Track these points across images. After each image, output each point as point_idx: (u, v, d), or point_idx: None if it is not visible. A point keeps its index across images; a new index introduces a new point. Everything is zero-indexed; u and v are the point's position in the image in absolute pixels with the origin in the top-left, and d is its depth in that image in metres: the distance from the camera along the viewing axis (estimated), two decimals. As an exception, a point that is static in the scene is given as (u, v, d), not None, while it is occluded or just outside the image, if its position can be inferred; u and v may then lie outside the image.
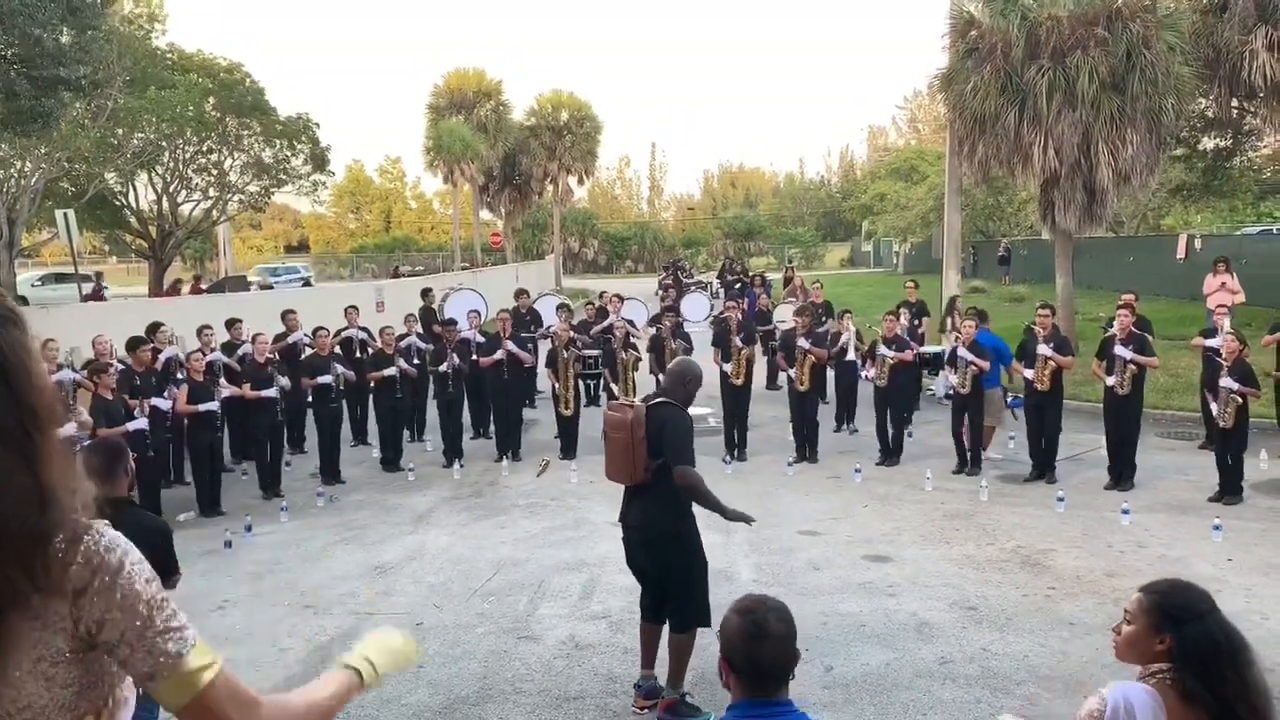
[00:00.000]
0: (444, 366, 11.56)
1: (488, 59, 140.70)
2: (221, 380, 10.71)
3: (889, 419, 10.92)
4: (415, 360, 12.24)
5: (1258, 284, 16.93)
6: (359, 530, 8.93)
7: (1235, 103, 16.57)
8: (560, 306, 14.70)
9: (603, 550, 7.83)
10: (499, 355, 11.53)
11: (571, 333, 12.21)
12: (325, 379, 10.87)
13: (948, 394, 11.60)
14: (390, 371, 11.42)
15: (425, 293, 16.96)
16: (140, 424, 8.84)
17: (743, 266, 33.37)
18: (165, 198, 24.08)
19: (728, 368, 11.35)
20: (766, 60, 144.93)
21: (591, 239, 62.53)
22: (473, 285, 19.22)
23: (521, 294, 15.54)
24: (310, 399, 11.17)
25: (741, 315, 12.37)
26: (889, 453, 10.85)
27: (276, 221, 70.73)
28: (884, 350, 10.97)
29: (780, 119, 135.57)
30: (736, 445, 11.35)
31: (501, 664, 5.88)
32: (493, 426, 12.14)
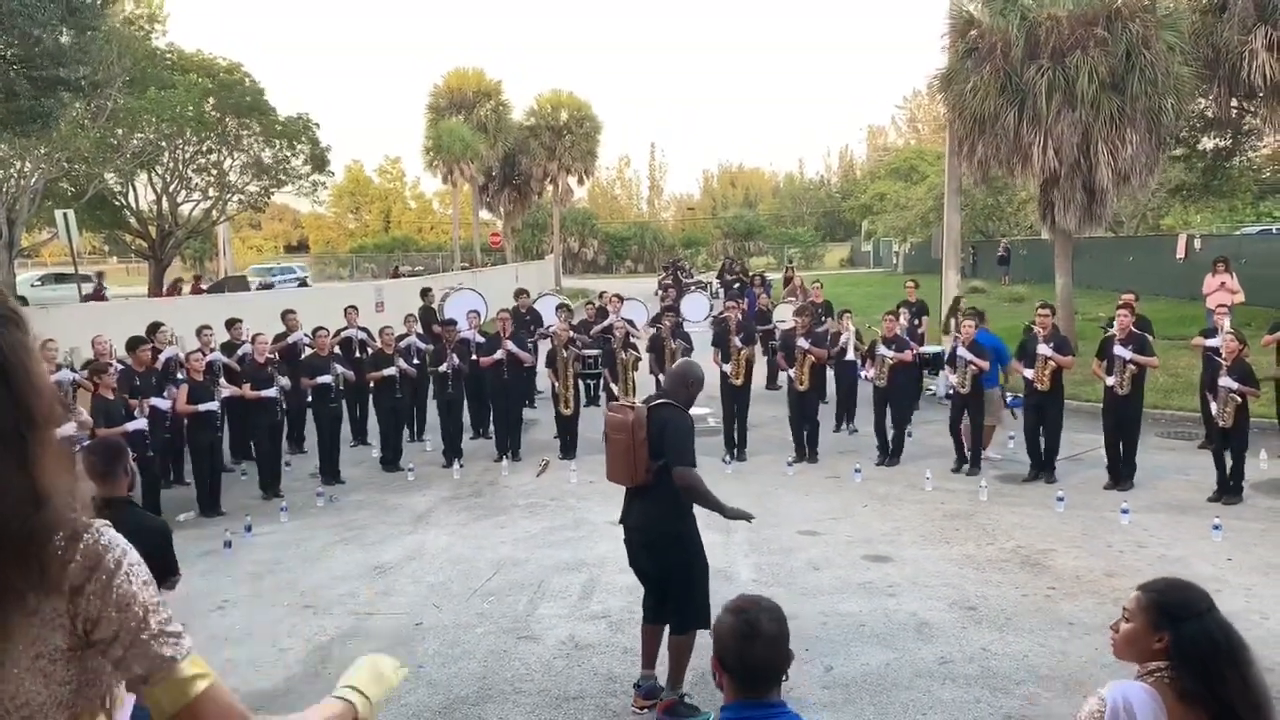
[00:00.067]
0: (444, 367, 11.56)
1: (487, 59, 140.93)
2: (221, 380, 10.72)
3: (889, 419, 10.93)
4: (415, 360, 12.25)
5: (1257, 284, 16.92)
6: (359, 530, 8.93)
7: (1235, 103, 16.57)
8: (560, 306, 14.68)
9: (602, 550, 7.84)
10: (499, 355, 11.53)
11: (571, 332, 12.22)
12: (325, 379, 10.86)
13: (948, 394, 11.60)
14: (390, 371, 11.42)
15: (425, 293, 16.96)
16: (140, 424, 8.83)
17: (742, 266, 33.36)
18: (165, 198, 24.08)
19: (727, 368, 11.35)
20: (766, 60, 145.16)
21: (591, 239, 62.56)
22: (472, 285, 19.21)
23: (521, 294, 15.53)
24: (310, 399, 11.17)
25: (741, 315, 12.37)
26: (889, 453, 10.86)
27: (276, 222, 70.73)
28: (883, 350, 10.98)
29: (780, 119, 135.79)
30: (736, 445, 11.36)
31: (501, 664, 5.88)
32: (492, 426, 12.16)
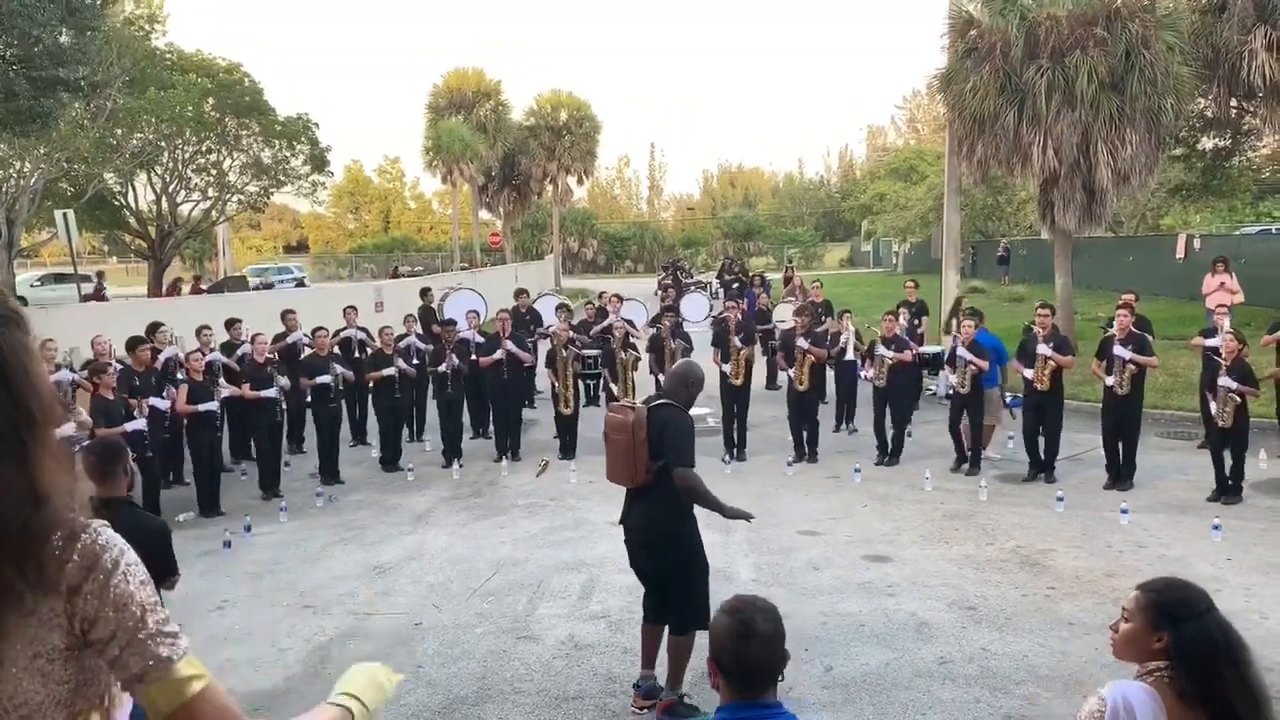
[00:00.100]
0: (443, 367, 11.56)
1: (487, 59, 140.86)
2: (221, 380, 10.72)
3: (888, 419, 10.93)
4: (414, 360, 12.25)
5: (1257, 284, 16.93)
6: (358, 530, 8.93)
7: (1234, 103, 16.58)
8: (560, 306, 14.68)
9: (602, 550, 7.83)
10: (498, 355, 11.53)
11: (570, 332, 12.22)
12: (324, 379, 10.86)
13: (948, 394, 11.60)
14: (389, 372, 11.42)
15: (424, 293, 16.96)
16: (139, 424, 8.82)
17: (741, 266, 33.35)
18: (164, 198, 24.09)
19: (726, 368, 11.35)
20: (766, 60, 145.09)
21: (591, 239, 62.58)
22: (472, 285, 19.20)
23: (521, 294, 15.53)
24: (309, 399, 11.17)
25: (741, 315, 12.37)
26: (888, 453, 10.86)
27: (275, 222, 70.69)
28: (882, 350, 10.97)
29: (779, 119, 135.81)
30: (736, 445, 11.36)
31: (500, 664, 5.88)
32: (492, 426, 12.17)
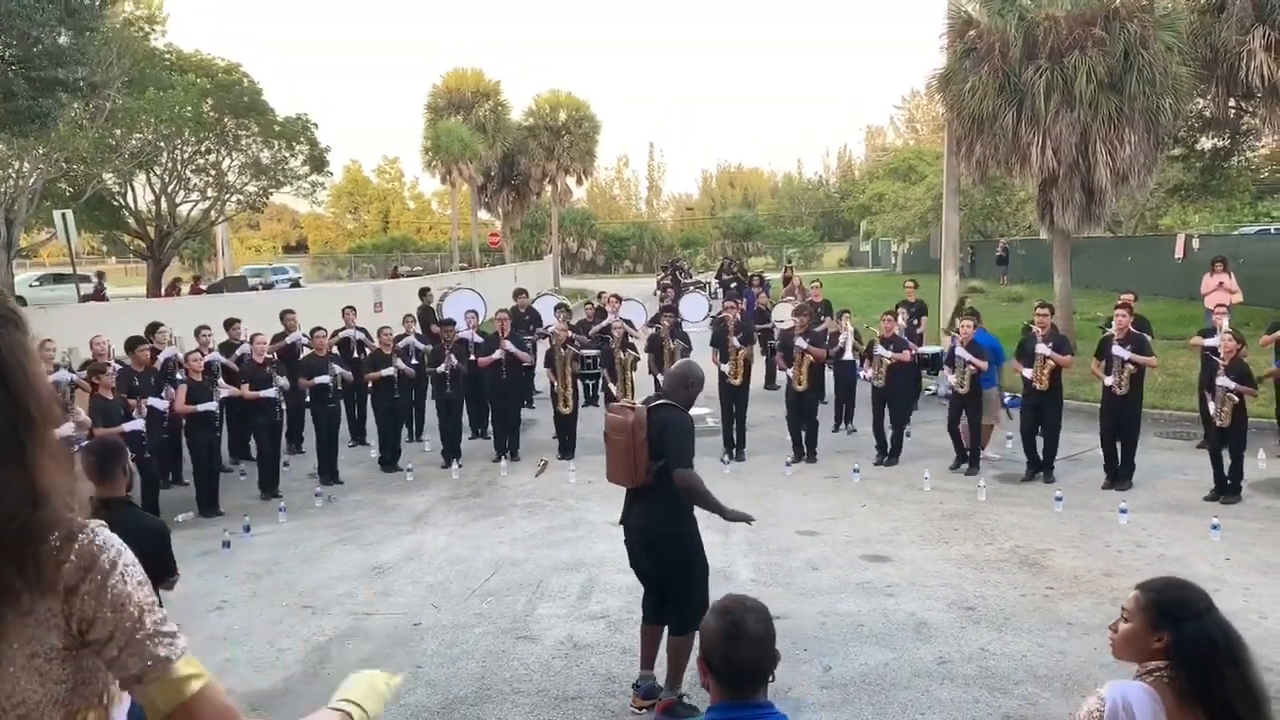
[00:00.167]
0: (442, 367, 11.55)
1: (486, 59, 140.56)
2: (220, 380, 10.71)
3: (887, 419, 10.93)
4: (413, 360, 12.25)
5: (1256, 284, 16.93)
6: (357, 530, 8.93)
7: (1233, 103, 16.58)
8: (559, 306, 14.68)
9: (601, 550, 7.83)
10: (497, 355, 11.53)
11: (569, 332, 12.21)
12: (323, 379, 10.85)
13: (948, 394, 11.60)
14: (388, 372, 11.41)
15: (423, 293, 16.97)
16: (137, 425, 8.82)
17: (740, 266, 33.35)
18: (163, 198, 24.07)
19: (725, 368, 11.35)
20: (765, 60, 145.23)
21: (590, 239, 62.61)
22: (471, 285, 19.21)
23: (520, 294, 15.51)
24: (308, 399, 11.17)
25: (740, 315, 12.37)
26: (887, 453, 10.86)
27: (275, 222, 70.67)
28: (881, 350, 10.98)
29: (778, 119, 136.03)
30: (735, 445, 11.36)
31: (500, 664, 5.88)
32: (491, 426, 12.16)
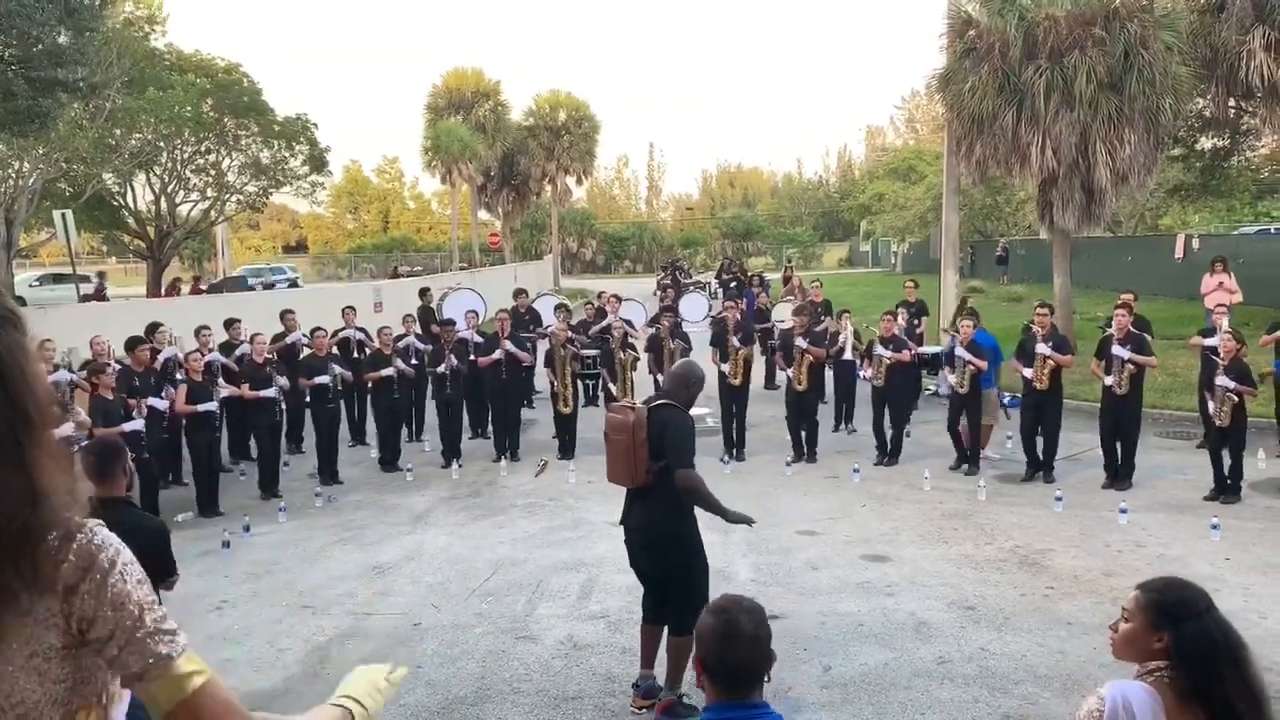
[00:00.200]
0: (442, 367, 11.54)
1: (486, 59, 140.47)
2: (220, 380, 10.71)
3: (887, 419, 10.93)
4: (413, 360, 12.24)
5: (1255, 283, 16.92)
6: (357, 530, 8.93)
7: (1233, 103, 16.58)
8: (559, 306, 14.68)
9: (601, 550, 7.83)
10: (497, 355, 11.53)
11: (569, 332, 12.21)
12: (323, 379, 10.85)
13: (948, 393, 11.59)
14: (388, 372, 11.41)
15: (423, 293, 16.97)
16: (136, 425, 8.81)
17: (740, 266, 33.35)
18: (163, 198, 24.06)
19: (725, 368, 11.36)
20: (765, 60, 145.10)
21: (590, 239, 62.59)
22: (471, 285, 19.21)
23: (520, 293, 15.51)
24: (308, 399, 11.16)
25: (740, 315, 12.37)
26: (887, 452, 10.86)
27: (275, 222, 70.66)
28: (880, 350, 10.98)
29: (778, 119, 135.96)
30: (735, 445, 11.36)
31: (500, 664, 5.88)
32: (491, 426, 12.16)
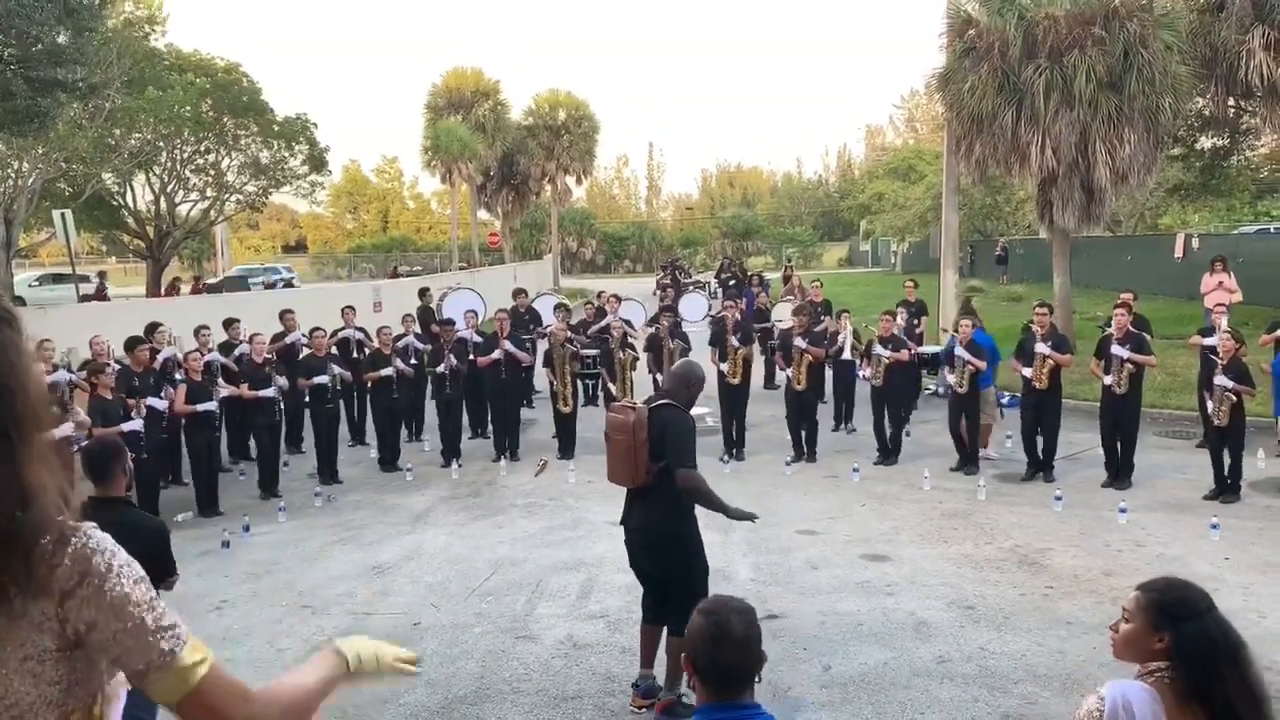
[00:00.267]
0: (441, 367, 11.53)
1: (486, 59, 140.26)
2: (219, 380, 10.71)
3: (887, 418, 10.93)
4: (412, 360, 12.23)
5: (1255, 283, 16.93)
6: (357, 530, 8.93)
7: (1232, 102, 16.58)
8: (558, 306, 14.69)
9: (600, 550, 7.83)
10: (496, 355, 11.52)
11: (568, 332, 12.21)
12: (322, 379, 10.85)
13: (947, 392, 11.59)
14: (387, 372, 11.40)
15: (423, 292, 16.97)
16: (135, 425, 8.80)
17: (740, 266, 33.32)
18: (163, 198, 24.05)
19: (724, 367, 11.35)
20: (765, 60, 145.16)
21: (589, 239, 62.57)
22: (470, 285, 19.20)
23: (520, 293, 15.51)
24: (307, 399, 11.16)
25: (739, 315, 12.37)
26: (887, 452, 10.86)
27: (274, 221, 70.67)
28: (879, 350, 10.98)
29: (778, 119, 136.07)
30: (735, 445, 11.36)
31: (499, 663, 5.87)
32: (490, 426, 12.16)
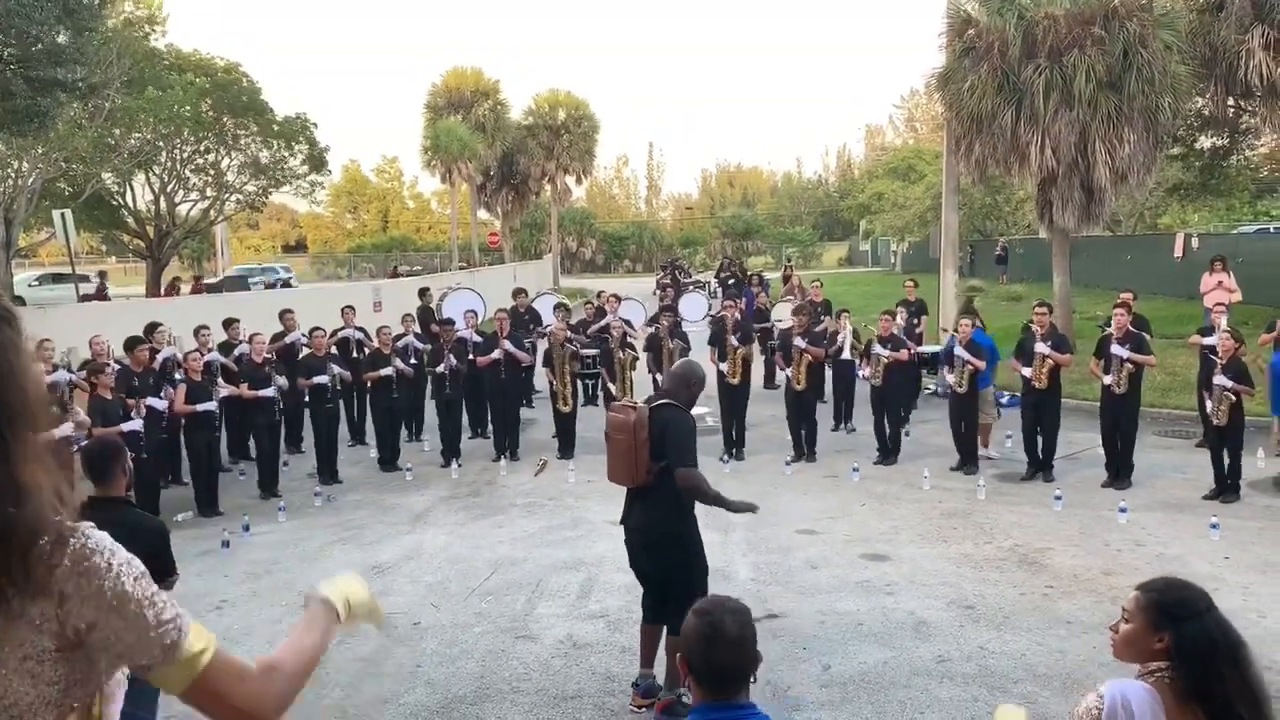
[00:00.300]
0: (441, 367, 11.53)
1: (485, 58, 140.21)
2: (219, 380, 10.71)
3: (886, 418, 10.93)
4: (412, 360, 12.23)
5: (1255, 283, 16.92)
6: (356, 530, 8.93)
7: (1232, 102, 16.58)
8: (558, 306, 14.69)
9: (600, 549, 7.83)
10: (496, 355, 11.52)
11: (568, 331, 12.21)
12: (322, 379, 10.85)
13: (946, 390, 11.60)
14: (386, 371, 11.40)
15: (423, 292, 16.97)
16: (135, 425, 8.80)
17: (739, 266, 33.31)
18: (162, 198, 24.04)
19: (724, 367, 11.35)
20: (764, 60, 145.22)
21: (589, 238, 62.56)
22: (470, 285, 19.21)
23: (520, 293, 15.51)
24: (307, 399, 11.16)
25: (739, 314, 12.37)
26: (887, 452, 10.85)
27: (274, 221, 70.65)
28: (879, 349, 10.98)
29: (778, 118, 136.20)
30: (734, 445, 11.36)
31: (499, 663, 5.87)
32: (490, 426, 12.15)
